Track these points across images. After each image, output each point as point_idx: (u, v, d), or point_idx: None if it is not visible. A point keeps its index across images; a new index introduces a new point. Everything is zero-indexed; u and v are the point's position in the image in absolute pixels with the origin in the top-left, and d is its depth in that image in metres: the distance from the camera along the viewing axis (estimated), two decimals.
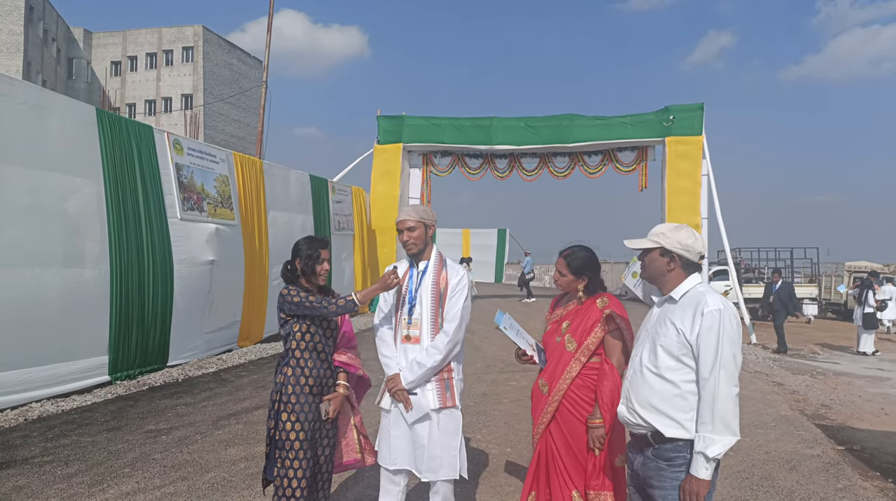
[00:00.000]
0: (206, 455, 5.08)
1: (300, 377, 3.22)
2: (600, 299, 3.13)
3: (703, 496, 2.30)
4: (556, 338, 3.21)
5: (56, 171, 6.90)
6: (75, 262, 7.08)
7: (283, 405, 3.20)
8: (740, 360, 2.35)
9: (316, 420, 3.25)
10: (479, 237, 32.84)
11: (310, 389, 3.23)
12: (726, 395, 2.28)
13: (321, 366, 3.30)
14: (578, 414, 3.05)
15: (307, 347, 3.26)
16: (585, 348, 3.07)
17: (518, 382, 8.13)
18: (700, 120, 15.58)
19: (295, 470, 3.16)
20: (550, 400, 3.12)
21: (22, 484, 4.36)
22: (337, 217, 14.61)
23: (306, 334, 3.26)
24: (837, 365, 11.06)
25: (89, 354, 7.24)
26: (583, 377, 3.07)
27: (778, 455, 5.39)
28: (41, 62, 41.37)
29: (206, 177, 9.63)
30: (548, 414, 3.13)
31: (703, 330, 2.32)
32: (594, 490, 2.97)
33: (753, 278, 23.01)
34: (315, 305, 3.17)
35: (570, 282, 3.18)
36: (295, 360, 3.25)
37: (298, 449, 3.17)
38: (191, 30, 45.86)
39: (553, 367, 3.15)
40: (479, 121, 16.98)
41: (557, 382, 3.10)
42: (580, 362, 3.07)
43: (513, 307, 18.24)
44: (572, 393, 3.07)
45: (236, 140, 46.70)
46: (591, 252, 3.22)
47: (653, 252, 2.54)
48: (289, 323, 3.28)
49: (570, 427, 3.07)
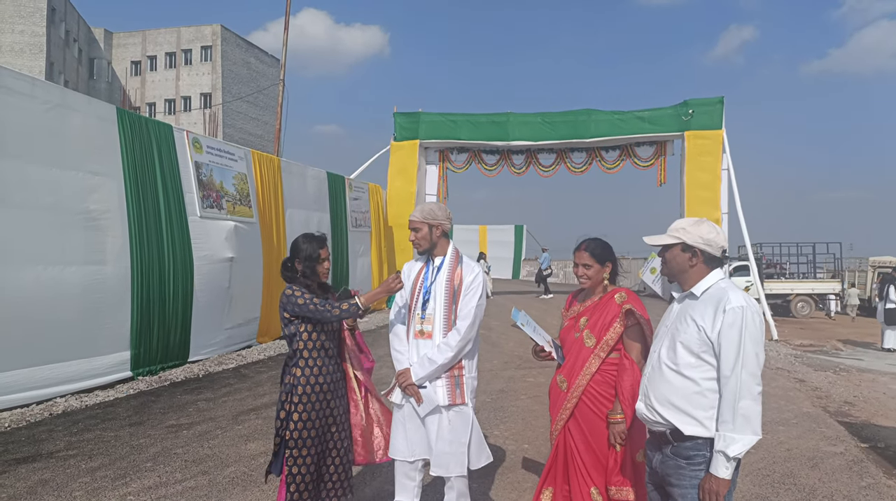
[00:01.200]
0: (227, 449, 5.13)
1: (311, 377, 3.23)
2: (618, 294, 3.11)
3: (722, 495, 2.27)
4: (574, 334, 3.18)
5: (77, 170, 7.00)
6: (96, 260, 7.18)
7: (293, 405, 3.21)
8: (763, 358, 2.31)
9: (327, 417, 3.27)
10: (496, 233, 32.77)
11: (320, 388, 3.24)
12: (748, 393, 2.25)
13: (330, 364, 3.31)
14: (598, 410, 3.03)
15: (314, 347, 3.26)
16: (605, 344, 3.04)
17: (535, 378, 8.11)
18: (720, 114, 15.37)
19: (308, 467, 3.19)
20: (569, 396, 3.10)
21: (47, 478, 4.44)
22: (354, 214, 14.66)
23: (313, 334, 3.26)
24: (861, 362, 10.88)
25: (111, 350, 7.35)
26: (602, 373, 3.04)
27: (800, 453, 5.31)
28: (63, 63, 41.97)
29: (225, 174, 9.72)
30: (567, 410, 3.11)
31: (724, 327, 2.29)
32: (615, 485, 2.96)
33: (775, 274, 22.71)
34: (319, 309, 3.15)
35: (597, 272, 3.13)
36: (304, 361, 3.25)
37: (311, 447, 3.20)
38: (209, 29, 46.23)
39: (572, 363, 3.13)
40: (495, 118, 16.91)
41: (576, 378, 3.08)
42: (599, 358, 3.04)
43: (530, 303, 18.20)
44: (591, 388, 3.05)
45: (254, 138, 47.05)
46: (604, 240, 3.21)
47: (674, 248, 2.49)
48: (293, 324, 3.26)
49: (590, 424, 3.05)
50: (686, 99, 15.72)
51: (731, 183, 14.87)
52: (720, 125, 15.30)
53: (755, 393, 2.26)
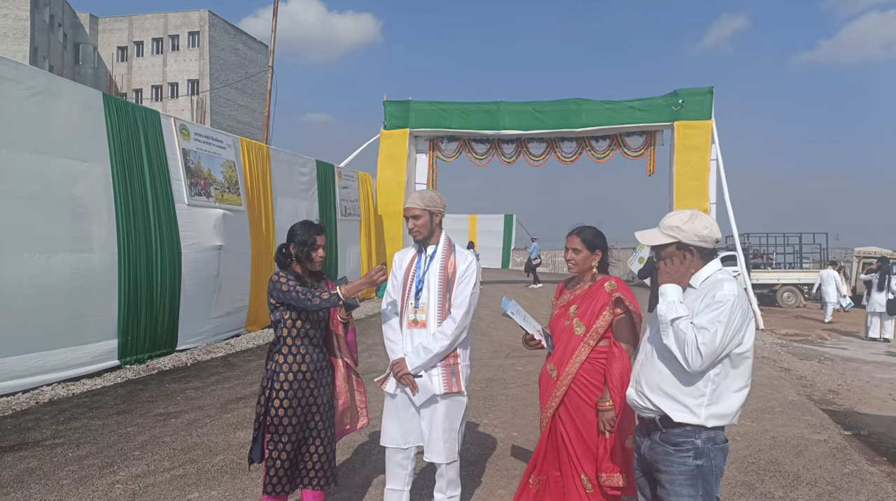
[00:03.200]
0: (215, 438, 5.13)
1: (293, 364, 3.21)
2: (608, 282, 3.11)
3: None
4: (563, 323, 3.19)
5: (63, 157, 6.91)
6: (83, 247, 7.12)
7: (275, 392, 3.19)
8: (726, 346, 2.25)
9: (310, 405, 3.26)
10: (485, 223, 32.81)
11: (302, 375, 3.22)
12: (702, 345, 2.20)
13: (314, 352, 3.29)
14: (588, 398, 3.05)
15: (298, 334, 3.24)
16: (594, 332, 3.06)
17: (524, 367, 8.15)
18: (709, 104, 15.42)
19: (289, 453, 3.19)
20: (559, 384, 3.11)
21: (34, 466, 4.42)
22: (343, 202, 14.60)
23: (297, 321, 3.24)
24: (845, 351, 11.02)
25: (99, 338, 7.30)
26: (591, 361, 3.06)
27: (785, 440, 5.38)
28: (48, 47, 41.35)
29: (213, 162, 9.64)
30: (556, 398, 3.13)
31: (707, 305, 2.29)
32: (606, 472, 2.98)
33: (762, 264, 22.89)
34: (300, 297, 3.13)
35: (586, 259, 3.15)
36: (287, 347, 3.23)
37: (291, 434, 3.19)
38: (196, 14, 45.67)
39: (561, 352, 3.14)
40: (485, 106, 16.86)
41: (566, 366, 3.09)
42: (589, 346, 3.06)
43: (519, 292, 18.25)
44: (581, 376, 3.07)
45: (243, 125, 46.66)
46: (597, 229, 3.22)
47: (669, 246, 2.48)
48: (279, 310, 3.24)
49: (580, 412, 3.07)
50: (676, 89, 15.74)
51: (719, 173, 14.95)
52: (710, 115, 15.35)
53: (696, 366, 2.22)
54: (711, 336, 2.22)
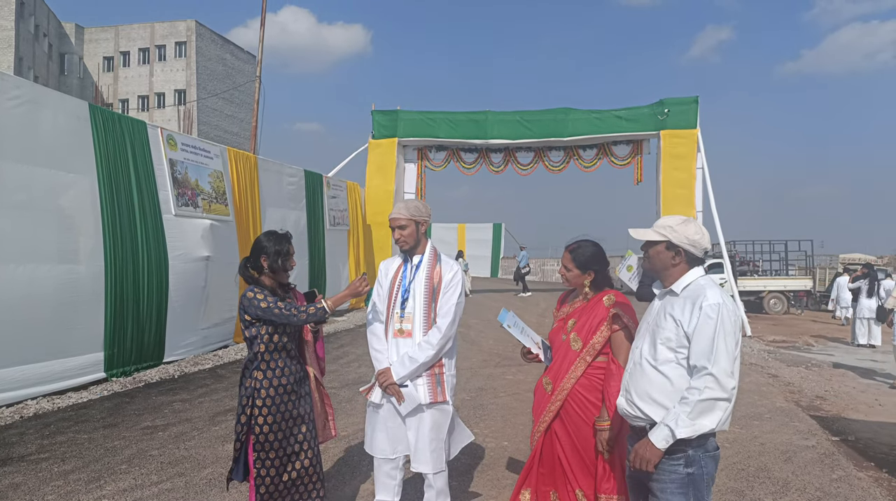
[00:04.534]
0: (203, 451, 5.07)
1: (273, 379, 3.15)
2: (607, 297, 3.02)
3: (653, 464, 2.32)
4: (561, 336, 3.13)
5: (49, 167, 6.86)
6: (69, 258, 7.05)
7: (257, 409, 3.12)
8: (737, 356, 2.32)
9: (295, 417, 3.22)
10: (474, 232, 32.84)
11: (283, 389, 3.18)
12: (718, 388, 2.25)
13: (292, 364, 3.25)
14: (584, 414, 2.98)
15: (276, 348, 3.18)
16: (591, 347, 2.98)
17: (514, 376, 8.14)
18: (695, 113, 15.60)
19: (277, 469, 3.16)
20: (554, 398, 3.05)
21: (18, 482, 4.35)
22: (332, 212, 14.58)
23: (274, 336, 3.16)
24: (832, 357, 11.11)
25: (84, 351, 7.21)
26: (588, 376, 2.99)
27: (773, 447, 5.41)
28: (33, 57, 41.08)
29: (201, 172, 9.59)
30: (550, 412, 3.06)
31: (700, 322, 2.31)
32: (605, 493, 2.90)
33: (748, 271, 23.06)
34: (284, 313, 3.06)
35: (576, 277, 3.09)
36: (265, 363, 3.16)
37: (278, 449, 3.15)
38: (183, 25, 45.60)
39: (558, 366, 3.08)
40: (473, 116, 16.94)
41: (562, 381, 3.03)
42: (585, 361, 2.99)
43: (508, 301, 18.27)
44: (577, 392, 3.00)
45: (230, 135, 46.52)
46: (597, 246, 3.12)
47: (658, 244, 2.51)
48: (255, 326, 3.16)
49: (576, 427, 3.00)
50: (662, 98, 15.91)
51: (705, 181, 15.10)
52: (695, 124, 15.53)
53: (727, 388, 2.27)
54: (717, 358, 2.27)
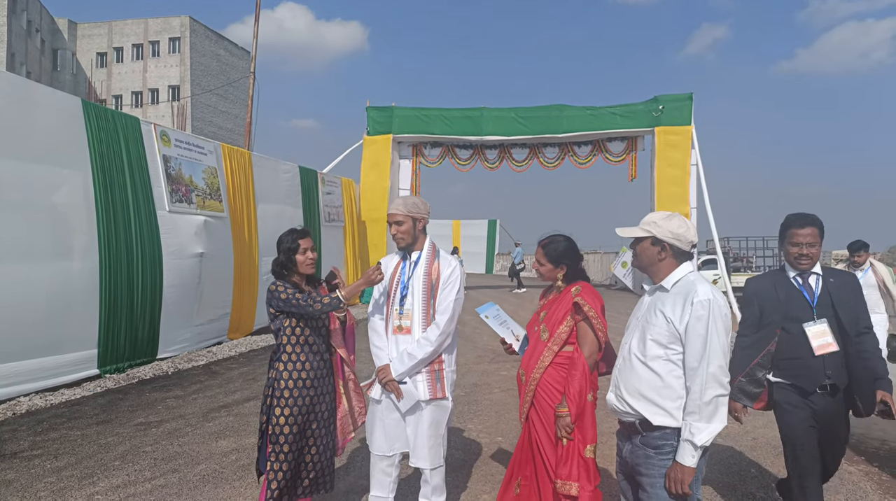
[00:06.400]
0: (197, 447, 5.07)
1: (293, 372, 3.23)
2: (575, 288, 3.10)
3: (687, 483, 2.32)
4: (534, 328, 3.24)
5: (42, 164, 6.82)
6: (63, 255, 7.02)
7: (275, 400, 3.20)
8: (728, 349, 2.37)
9: (309, 412, 3.26)
10: (469, 228, 32.88)
11: (302, 383, 3.23)
12: (716, 384, 2.30)
13: (315, 360, 3.30)
14: (553, 403, 3.06)
15: (298, 341, 3.26)
16: (557, 337, 3.07)
17: (509, 372, 8.16)
18: (689, 110, 15.63)
19: (290, 463, 3.20)
20: (527, 389, 3.14)
21: (11, 478, 4.34)
22: (327, 208, 14.56)
23: (296, 329, 3.26)
24: None
25: (78, 347, 7.20)
26: (555, 366, 3.07)
27: (765, 441, 5.44)
28: (25, 53, 40.83)
29: (195, 168, 9.57)
30: (526, 402, 3.16)
31: (691, 319, 2.33)
32: (562, 478, 2.94)
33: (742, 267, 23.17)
34: (301, 303, 3.16)
35: (550, 271, 3.20)
36: (287, 355, 3.25)
37: (292, 442, 3.19)
38: (177, 20, 45.38)
39: (529, 357, 3.18)
40: (468, 112, 16.94)
41: (532, 371, 3.12)
42: (552, 351, 3.08)
43: (503, 298, 18.29)
44: (545, 381, 3.08)
45: (225, 132, 46.36)
46: (569, 241, 3.20)
47: (644, 241, 2.54)
48: (279, 319, 3.28)
49: (546, 416, 3.08)
50: (657, 95, 15.93)
51: (699, 178, 15.15)
52: (689, 121, 15.56)
53: (724, 383, 2.32)
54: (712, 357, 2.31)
